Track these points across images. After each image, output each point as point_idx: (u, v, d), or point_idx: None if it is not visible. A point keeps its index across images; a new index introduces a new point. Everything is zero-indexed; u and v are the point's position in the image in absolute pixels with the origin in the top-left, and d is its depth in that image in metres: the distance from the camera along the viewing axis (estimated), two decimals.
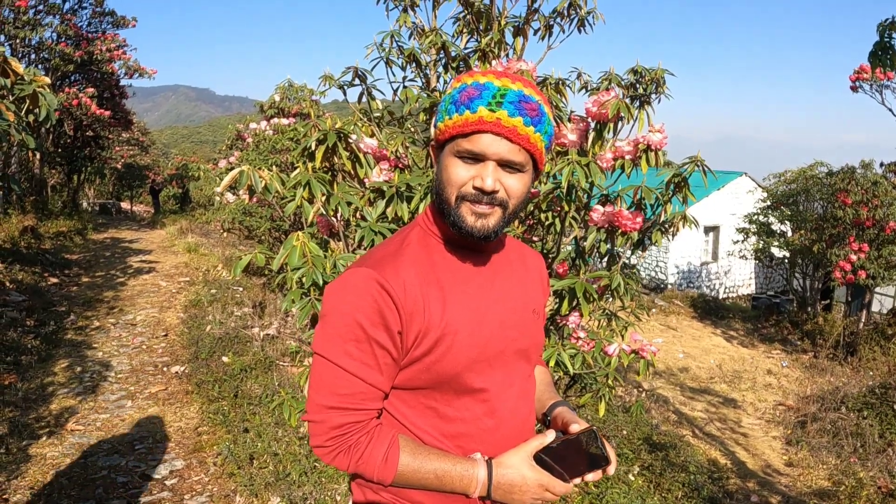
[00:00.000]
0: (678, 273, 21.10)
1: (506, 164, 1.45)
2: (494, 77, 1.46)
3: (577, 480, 1.51)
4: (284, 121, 10.63)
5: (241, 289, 10.55)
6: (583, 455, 1.50)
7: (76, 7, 16.30)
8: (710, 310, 17.87)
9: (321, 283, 2.65)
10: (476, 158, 1.44)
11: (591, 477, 1.51)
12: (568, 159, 2.89)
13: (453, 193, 1.47)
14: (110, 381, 6.56)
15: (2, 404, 5.61)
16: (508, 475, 1.47)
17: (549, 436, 1.52)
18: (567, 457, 1.50)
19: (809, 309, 16.16)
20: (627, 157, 3.10)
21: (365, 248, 2.86)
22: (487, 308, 1.57)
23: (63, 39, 15.45)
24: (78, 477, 4.60)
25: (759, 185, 20.18)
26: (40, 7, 14.96)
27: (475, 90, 1.44)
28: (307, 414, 1.51)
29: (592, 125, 3.16)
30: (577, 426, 1.57)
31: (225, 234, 13.45)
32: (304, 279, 2.69)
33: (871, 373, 11.36)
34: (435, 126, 1.53)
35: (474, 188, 1.45)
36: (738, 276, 22.50)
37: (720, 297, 21.34)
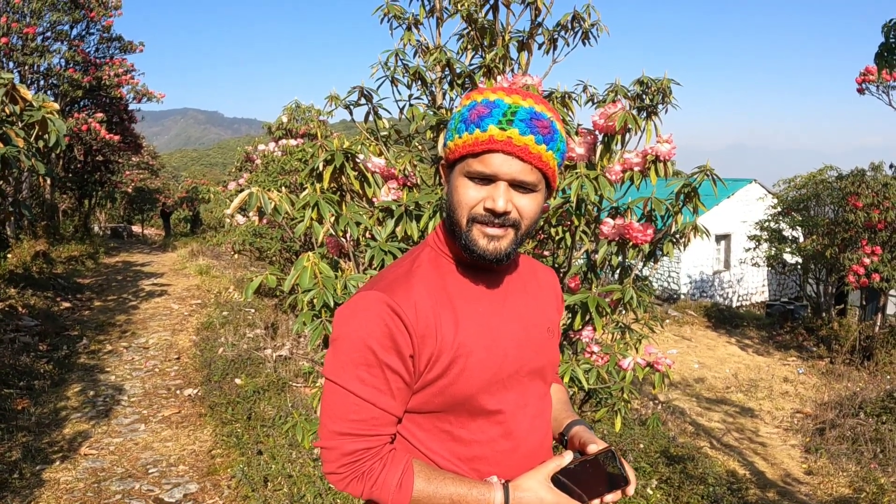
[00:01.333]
0: (691, 283, 21.01)
1: (518, 185, 1.42)
2: (505, 94, 1.43)
3: (597, 502, 1.47)
4: (293, 142, 10.68)
5: (252, 310, 10.56)
6: (602, 476, 1.47)
7: (84, 33, 16.45)
8: (724, 319, 17.77)
9: (332, 304, 2.64)
10: (488, 179, 1.42)
11: (611, 498, 1.48)
12: (577, 173, 2.88)
13: (464, 216, 1.45)
14: (123, 404, 6.56)
15: (15, 429, 5.62)
16: (525, 498, 1.44)
17: (567, 457, 1.49)
18: (585, 478, 1.47)
19: (824, 314, 16.04)
20: (636, 168, 3.08)
21: (375, 268, 2.85)
22: (500, 328, 1.54)
23: (71, 65, 15.56)
24: (91, 501, 4.59)
25: (769, 192, 20.09)
26: (48, 34, 15.10)
27: (485, 108, 1.41)
28: (319, 440, 1.49)
29: (600, 138, 3.14)
30: (594, 446, 1.54)
31: (236, 256, 13.50)
32: (315, 301, 2.68)
33: (888, 377, 11.25)
34: (444, 145, 1.51)
35: (486, 209, 1.42)
36: (751, 284, 22.39)
37: (734, 305, 21.23)
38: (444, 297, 1.49)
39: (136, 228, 31.45)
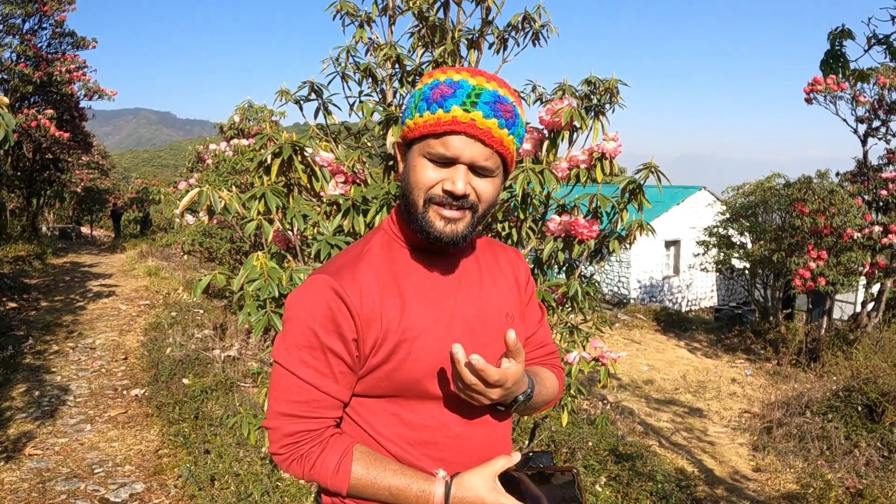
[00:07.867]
0: (640, 288, 21.24)
1: (478, 169, 1.41)
2: (469, 75, 1.41)
3: None
4: (244, 141, 10.56)
5: (201, 311, 10.45)
6: (555, 492, 1.43)
7: (36, 27, 16.16)
8: (674, 323, 18.02)
9: (277, 295, 2.63)
10: (448, 161, 1.40)
11: None
12: (522, 167, 2.90)
13: (421, 196, 1.42)
14: (69, 405, 6.45)
15: None
16: (467, 497, 1.41)
17: (515, 456, 1.47)
18: (538, 487, 1.43)
19: (771, 318, 16.33)
20: (582, 165, 3.12)
21: (322, 262, 2.84)
22: (452, 313, 1.51)
23: (22, 60, 15.27)
24: (36, 502, 4.51)
25: (718, 199, 20.42)
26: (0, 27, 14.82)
27: (448, 88, 1.38)
28: (266, 420, 1.49)
29: (546, 134, 3.17)
30: (544, 463, 1.51)
31: (185, 257, 13.34)
32: (259, 292, 2.67)
33: (834, 377, 11.51)
34: (403, 122, 1.48)
35: (444, 191, 1.40)
36: (699, 289, 22.72)
37: (683, 310, 21.51)
38: (392, 282, 1.48)
39: (85, 229, 30.91)
